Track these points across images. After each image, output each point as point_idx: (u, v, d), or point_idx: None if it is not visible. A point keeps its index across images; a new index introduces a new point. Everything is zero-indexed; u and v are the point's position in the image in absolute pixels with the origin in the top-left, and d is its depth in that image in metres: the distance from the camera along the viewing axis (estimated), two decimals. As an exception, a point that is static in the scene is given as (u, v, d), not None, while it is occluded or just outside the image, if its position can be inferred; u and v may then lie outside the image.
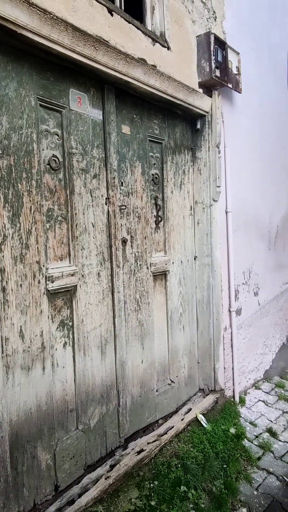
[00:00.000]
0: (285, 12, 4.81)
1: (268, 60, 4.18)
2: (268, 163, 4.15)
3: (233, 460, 2.53)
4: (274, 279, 4.34)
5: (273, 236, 4.30)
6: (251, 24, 3.71)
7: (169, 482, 2.25)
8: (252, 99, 3.71)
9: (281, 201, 4.61)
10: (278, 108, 4.53)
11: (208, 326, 3.07)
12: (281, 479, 2.44)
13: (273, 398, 3.41)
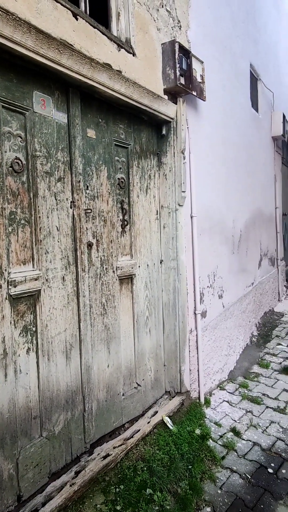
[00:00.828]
0: (247, 23, 5.00)
1: (231, 69, 4.31)
2: (232, 169, 4.28)
3: (198, 461, 2.57)
4: (238, 282, 4.47)
5: (236, 241, 4.43)
6: (215, 34, 3.82)
7: (135, 485, 2.26)
8: (216, 107, 3.82)
9: (244, 206, 4.76)
10: (242, 116, 4.69)
11: (174, 329, 3.11)
12: (244, 477, 2.51)
13: (237, 398, 3.49)
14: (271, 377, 3.89)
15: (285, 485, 2.43)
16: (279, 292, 6.61)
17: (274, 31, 6.61)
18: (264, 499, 2.32)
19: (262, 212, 5.66)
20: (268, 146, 6.18)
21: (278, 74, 6.94)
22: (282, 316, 5.94)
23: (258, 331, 5.12)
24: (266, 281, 5.87)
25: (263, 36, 5.86)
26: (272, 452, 2.75)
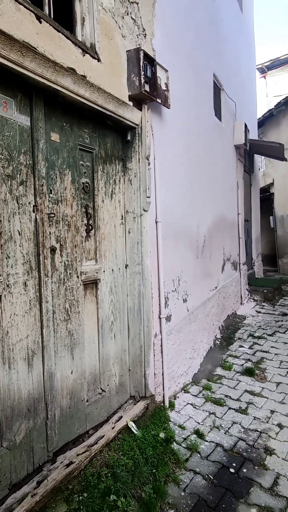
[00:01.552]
0: (211, 35, 5.15)
1: (195, 79, 4.42)
2: (196, 176, 4.38)
3: (162, 464, 2.58)
4: (202, 286, 4.56)
5: (200, 246, 4.52)
6: (179, 44, 3.91)
7: (99, 492, 2.24)
8: (180, 114, 3.90)
9: (208, 212, 4.88)
10: (205, 124, 4.81)
11: (139, 333, 3.13)
12: (206, 478, 2.55)
13: (200, 400, 3.55)
14: (234, 378, 3.99)
15: (246, 484, 2.50)
16: (241, 295, 6.81)
17: (236, 44, 6.85)
18: (226, 499, 2.37)
19: (225, 218, 5.82)
20: (231, 154, 6.38)
21: (240, 85, 7.19)
22: (244, 319, 6.11)
23: (222, 334, 5.24)
24: (229, 285, 6.03)
25: (226, 48, 6.06)
26: (234, 452, 2.82)
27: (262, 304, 7.07)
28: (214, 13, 5.34)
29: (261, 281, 8.42)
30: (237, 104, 6.76)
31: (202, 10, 4.71)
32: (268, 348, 4.81)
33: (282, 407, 3.39)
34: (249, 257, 8.30)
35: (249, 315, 6.37)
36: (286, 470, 2.61)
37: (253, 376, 4.01)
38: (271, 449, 2.83)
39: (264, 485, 2.48)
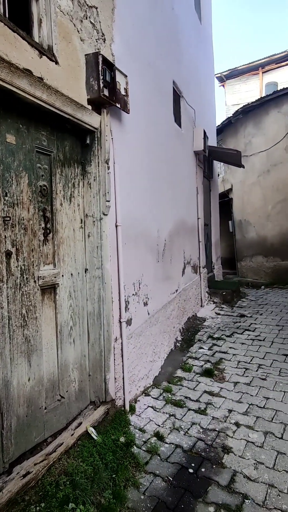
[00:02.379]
0: (171, 43, 5.26)
1: (155, 85, 4.49)
2: (156, 181, 4.43)
3: (122, 469, 2.58)
4: (162, 289, 4.61)
5: (161, 249, 4.58)
6: (139, 51, 3.96)
7: (57, 501, 2.19)
8: (140, 120, 3.94)
9: (168, 217, 4.95)
10: (165, 130, 4.89)
11: (99, 338, 3.11)
12: (166, 480, 2.58)
13: (161, 403, 3.58)
14: (193, 380, 4.06)
15: (204, 483, 2.55)
16: (201, 298, 6.96)
17: (195, 53, 7.04)
18: (184, 499, 2.40)
19: (185, 222, 5.93)
20: (190, 160, 6.53)
21: (199, 93, 7.39)
22: (204, 321, 6.25)
23: (182, 336, 5.33)
24: (190, 288, 6.14)
25: (185, 56, 6.21)
26: (193, 453, 2.87)
27: (221, 306, 7.26)
28: (174, 22, 5.46)
29: (221, 283, 8.65)
30: (197, 111, 6.93)
31: (161, 19, 4.80)
32: (226, 349, 4.95)
33: (239, 406, 3.50)
34: (209, 261, 8.51)
35: (209, 317, 6.52)
36: (242, 467, 2.69)
37: (212, 376, 4.11)
38: (228, 448, 2.91)
39: (221, 483, 2.54)
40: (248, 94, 17.16)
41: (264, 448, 2.89)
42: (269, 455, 2.80)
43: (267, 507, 2.34)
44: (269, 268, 10.26)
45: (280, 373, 4.12)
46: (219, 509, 2.33)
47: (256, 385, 3.88)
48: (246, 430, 3.12)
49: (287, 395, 3.64)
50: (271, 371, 4.20)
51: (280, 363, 4.41)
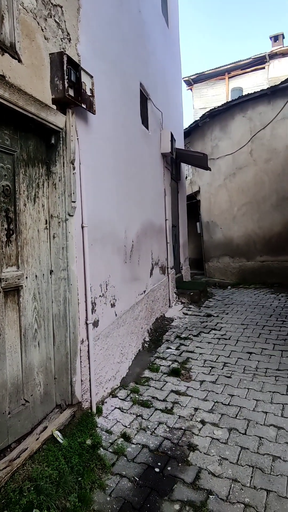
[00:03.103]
0: (138, 46, 5.30)
1: (122, 87, 4.50)
2: (123, 182, 4.44)
3: (88, 471, 2.56)
4: (130, 290, 4.62)
5: (129, 250, 4.59)
6: (105, 52, 3.96)
7: (21, 508, 2.15)
8: (107, 121, 3.94)
9: (136, 218, 4.97)
10: (132, 132, 4.91)
11: (65, 341, 3.07)
12: (132, 480, 2.58)
13: (128, 404, 3.59)
14: (160, 380, 4.10)
15: (170, 481, 2.58)
16: (169, 298, 7.03)
17: (162, 57, 7.11)
18: (150, 498, 2.42)
19: (153, 223, 5.98)
20: (158, 162, 6.59)
21: (166, 96, 7.47)
22: (172, 321, 6.32)
23: (150, 336, 5.36)
24: (158, 288, 6.19)
25: (152, 59, 6.27)
26: (159, 452, 2.89)
27: (189, 306, 7.37)
28: (141, 25, 5.50)
29: (189, 284, 8.78)
30: (164, 114, 7.01)
31: (128, 21, 4.82)
32: (193, 348, 5.03)
33: (205, 404, 3.57)
34: (177, 261, 8.61)
35: (177, 317, 6.60)
36: (207, 464, 2.74)
37: (179, 376, 4.16)
38: (194, 445, 2.96)
39: (186, 481, 2.58)
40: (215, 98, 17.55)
41: (228, 444, 2.96)
42: (233, 451, 2.87)
43: (231, 502, 2.40)
44: (235, 268, 10.52)
45: (244, 371, 4.24)
46: (184, 506, 2.36)
47: (222, 383, 3.97)
48: (211, 427, 3.19)
49: (251, 391, 3.75)
50: (236, 369, 4.31)
51: (245, 360, 4.54)
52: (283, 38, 17.68)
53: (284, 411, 3.36)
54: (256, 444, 2.93)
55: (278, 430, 3.09)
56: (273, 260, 9.60)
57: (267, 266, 9.73)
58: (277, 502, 2.37)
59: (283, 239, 9.32)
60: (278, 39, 17.69)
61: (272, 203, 9.44)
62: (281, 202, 9.27)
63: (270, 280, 9.62)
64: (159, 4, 7.05)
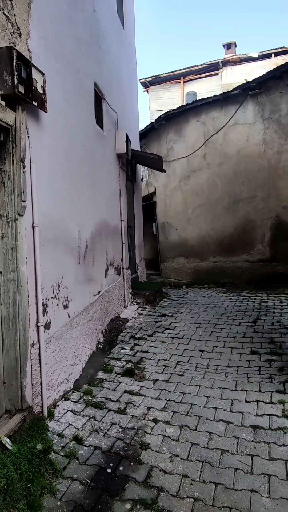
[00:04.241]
0: (92, 45, 5.26)
1: (75, 86, 4.45)
2: (76, 181, 4.39)
3: (38, 477, 2.51)
4: (84, 292, 4.58)
5: (82, 251, 4.55)
6: (58, 49, 3.89)
7: None
8: (59, 120, 3.88)
9: (90, 218, 4.94)
10: (86, 131, 4.87)
11: (14, 344, 2.98)
12: (84, 483, 2.57)
13: (81, 406, 3.56)
14: (114, 380, 4.10)
15: (122, 481, 2.59)
16: (125, 299, 7.05)
17: (117, 57, 7.12)
18: (102, 500, 2.42)
19: (108, 224, 5.97)
20: (113, 162, 6.59)
21: (121, 96, 7.49)
22: (127, 322, 6.34)
23: (105, 337, 5.34)
24: (113, 289, 6.19)
25: (107, 59, 6.25)
26: (111, 453, 2.90)
27: (144, 306, 7.43)
28: (95, 24, 5.47)
29: (144, 284, 8.86)
30: (119, 115, 7.02)
31: (82, 19, 4.78)
32: (147, 348, 5.08)
33: (157, 403, 3.62)
34: (132, 262, 8.65)
35: (132, 317, 6.63)
36: (159, 461, 2.79)
37: (133, 376, 4.19)
38: (146, 444, 2.99)
39: (138, 479, 2.60)
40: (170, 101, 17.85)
41: (180, 441, 3.03)
42: (183, 447, 2.94)
43: (181, 497, 2.46)
44: (190, 268, 10.76)
45: (196, 368, 4.35)
46: (135, 505, 2.38)
47: (174, 381, 4.05)
48: (163, 425, 3.24)
49: (202, 388, 3.86)
50: (188, 367, 4.41)
51: (197, 358, 4.66)
52: (235, 47, 18.36)
53: (232, 406, 3.49)
54: (206, 440, 3.02)
55: (227, 425, 3.20)
56: (225, 261, 9.93)
57: (219, 267, 10.05)
58: (224, 494, 2.46)
59: (234, 240, 9.68)
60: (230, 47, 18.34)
61: (224, 205, 9.77)
62: (233, 205, 9.62)
63: (223, 280, 9.94)
64: (115, 5, 7.05)
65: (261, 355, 4.59)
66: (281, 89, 8.75)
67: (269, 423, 3.18)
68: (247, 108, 9.29)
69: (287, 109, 8.73)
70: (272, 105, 8.93)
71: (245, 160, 9.35)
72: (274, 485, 2.52)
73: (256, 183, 9.22)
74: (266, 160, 9.06)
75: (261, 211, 9.19)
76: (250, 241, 9.44)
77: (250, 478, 2.59)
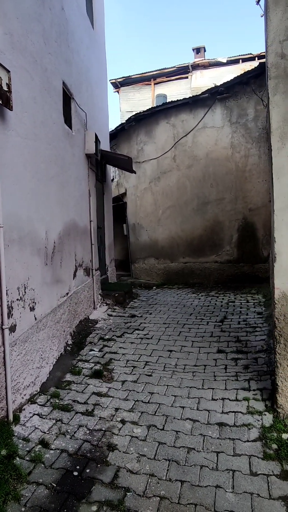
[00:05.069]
0: (60, 43, 5.20)
1: (43, 84, 4.39)
2: (44, 181, 4.33)
3: (1, 483, 2.45)
4: (51, 293, 4.52)
5: (50, 252, 4.48)
6: (25, 47, 3.82)
7: None
8: (26, 118, 3.81)
9: (58, 219, 4.88)
10: (54, 131, 4.81)
11: (-23, 347, 2.90)
12: (49, 487, 2.53)
13: (47, 409, 3.50)
14: (82, 382, 4.07)
15: (88, 483, 2.58)
16: (94, 300, 7.00)
17: (87, 57, 7.07)
18: (67, 503, 2.40)
19: (76, 224, 5.91)
20: (82, 162, 6.53)
21: (91, 97, 7.44)
22: (96, 323, 6.30)
23: (73, 339, 5.29)
24: (82, 290, 6.13)
25: (77, 58, 6.20)
26: (78, 455, 2.87)
27: (114, 307, 7.41)
28: (64, 23, 5.41)
29: (114, 285, 8.83)
30: (89, 115, 6.97)
31: (50, 17, 4.72)
32: (116, 349, 5.07)
33: (125, 403, 3.62)
34: (102, 263, 8.61)
35: (101, 319, 6.60)
36: (126, 462, 2.79)
37: (101, 377, 4.17)
38: (113, 445, 2.99)
39: (105, 481, 2.60)
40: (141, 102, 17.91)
41: (147, 441, 3.05)
42: (151, 447, 2.96)
43: (147, 496, 2.48)
44: (160, 269, 10.84)
45: (164, 368, 4.39)
46: (102, 507, 2.38)
47: (143, 381, 4.06)
48: (131, 426, 3.25)
49: (170, 388, 3.90)
50: (156, 367, 4.45)
51: (165, 358, 4.70)
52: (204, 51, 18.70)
53: (199, 404, 3.55)
54: (173, 438, 3.06)
55: (193, 423, 3.25)
56: (195, 262, 10.08)
57: (189, 267, 10.19)
58: (190, 491, 2.50)
59: (203, 241, 9.84)
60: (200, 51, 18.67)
61: (193, 207, 9.92)
62: (201, 206, 9.78)
63: (192, 280, 10.08)
64: (84, 4, 7.00)
65: (227, 354, 4.69)
66: (248, 94, 9.00)
67: (234, 420, 3.26)
68: (216, 112, 9.48)
69: (253, 114, 8.98)
70: (240, 109, 9.16)
71: (214, 163, 9.54)
72: (238, 480, 2.58)
73: (224, 186, 9.43)
74: (234, 163, 9.28)
75: (229, 213, 9.40)
76: (219, 242, 9.64)
77: (215, 475, 2.64)
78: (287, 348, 3.13)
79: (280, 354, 3.16)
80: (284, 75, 3.10)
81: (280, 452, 2.80)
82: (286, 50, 3.09)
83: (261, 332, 5.32)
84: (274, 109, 3.14)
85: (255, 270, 9.07)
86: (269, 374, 3.93)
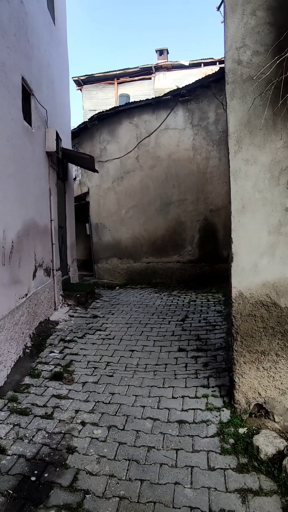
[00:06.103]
0: (19, 38, 5.06)
1: (0, 79, 4.24)
2: (1, 179, 4.19)
3: None
4: (9, 294, 4.38)
5: (8, 252, 4.34)
6: (-20, 38, 3.68)
7: None
8: (-18, 113, 3.67)
9: (16, 217, 4.74)
10: (12, 127, 4.67)
11: None
12: (5, 494, 2.46)
13: (5, 414, 3.39)
14: (42, 385, 3.98)
15: (47, 488, 2.53)
16: (55, 301, 6.87)
17: (47, 52, 6.93)
18: (24, 510, 2.34)
19: (36, 223, 5.77)
20: (42, 160, 6.39)
21: (52, 94, 7.30)
22: (57, 324, 6.19)
23: (33, 341, 5.16)
24: (42, 291, 6.00)
25: (37, 54, 6.05)
26: (36, 460, 2.81)
27: (75, 308, 7.31)
28: (23, 17, 5.26)
29: (76, 286, 8.72)
30: (49, 112, 6.83)
31: (8, 10, 4.57)
32: (77, 351, 5.01)
33: (86, 405, 3.59)
34: (64, 263, 8.47)
35: (62, 320, 6.49)
36: (85, 464, 2.77)
37: (62, 379, 4.10)
38: (73, 448, 2.95)
39: (63, 484, 2.56)
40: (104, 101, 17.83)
41: (107, 441, 3.04)
42: (111, 448, 2.96)
43: (106, 497, 2.47)
44: (123, 269, 10.83)
45: (126, 368, 4.39)
46: (60, 511, 2.34)
47: (103, 382, 4.04)
48: (91, 427, 3.22)
49: (131, 388, 3.90)
50: (118, 367, 4.44)
51: (127, 358, 4.71)
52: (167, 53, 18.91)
53: (160, 403, 3.58)
54: (134, 438, 3.07)
55: (154, 422, 3.28)
56: (157, 262, 10.16)
57: (152, 267, 10.26)
58: (150, 490, 2.52)
59: (166, 241, 9.95)
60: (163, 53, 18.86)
61: (156, 207, 10.00)
62: (164, 207, 9.88)
63: (155, 280, 10.16)
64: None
65: (188, 352, 4.77)
66: (209, 98, 9.20)
67: (194, 417, 3.32)
68: (178, 114, 9.61)
69: (214, 118, 9.19)
70: (201, 112, 9.34)
71: (176, 164, 9.67)
72: (196, 475, 2.64)
73: (186, 187, 9.58)
74: (195, 165, 9.45)
75: (191, 214, 9.56)
76: (181, 242, 9.78)
77: (174, 472, 2.68)
78: (243, 345, 3.24)
79: (237, 351, 3.26)
80: (240, 80, 3.19)
81: (236, 446, 2.89)
82: (242, 57, 3.19)
83: (220, 330, 5.46)
84: (231, 113, 3.23)
85: (216, 270, 9.28)
86: (227, 371, 4.04)
